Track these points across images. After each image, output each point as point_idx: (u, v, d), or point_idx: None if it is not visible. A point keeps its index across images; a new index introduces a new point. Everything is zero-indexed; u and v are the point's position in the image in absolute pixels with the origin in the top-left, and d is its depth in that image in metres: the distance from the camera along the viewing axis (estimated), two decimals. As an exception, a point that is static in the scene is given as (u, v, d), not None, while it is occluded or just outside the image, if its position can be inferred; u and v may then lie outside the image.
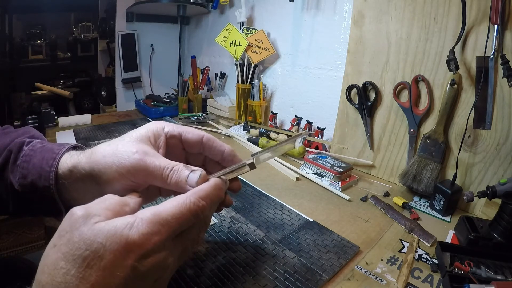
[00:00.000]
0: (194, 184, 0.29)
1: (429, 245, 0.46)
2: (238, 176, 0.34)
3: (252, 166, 0.31)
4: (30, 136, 0.39)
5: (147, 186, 0.33)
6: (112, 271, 0.22)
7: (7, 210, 0.36)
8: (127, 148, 0.31)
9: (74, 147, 0.37)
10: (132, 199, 0.28)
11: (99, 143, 0.33)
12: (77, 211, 0.24)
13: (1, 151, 0.36)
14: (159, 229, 0.24)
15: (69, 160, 0.33)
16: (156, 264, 0.24)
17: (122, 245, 0.22)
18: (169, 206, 0.25)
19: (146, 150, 0.31)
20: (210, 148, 0.36)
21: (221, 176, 0.31)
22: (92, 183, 0.32)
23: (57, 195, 0.33)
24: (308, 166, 0.69)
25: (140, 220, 0.23)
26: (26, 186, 0.34)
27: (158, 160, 0.30)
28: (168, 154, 0.34)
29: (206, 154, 0.37)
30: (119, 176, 0.30)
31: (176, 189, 0.30)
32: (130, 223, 0.23)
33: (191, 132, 0.36)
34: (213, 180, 0.30)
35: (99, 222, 0.23)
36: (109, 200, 0.26)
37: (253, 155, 0.32)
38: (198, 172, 0.30)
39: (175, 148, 0.36)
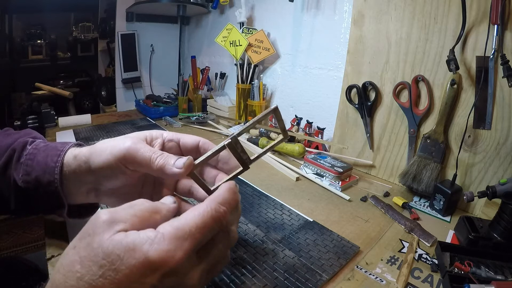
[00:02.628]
0: (182, 165, 0.29)
1: (429, 245, 0.46)
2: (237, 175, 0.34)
3: (230, 145, 0.30)
4: (32, 136, 0.40)
5: (132, 177, 0.34)
6: (128, 286, 0.21)
7: (8, 208, 0.37)
8: (123, 138, 0.33)
9: (78, 145, 0.38)
10: (165, 206, 0.27)
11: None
12: (102, 215, 0.23)
13: (3, 150, 0.37)
14: (182, 244, 0.22)
15: (72, 153, 0.35)
16: (178, 283, 0.23)
17: (141, 262, 0.21)
18: (191, 216, 0.24)
19: (138, 141, 0.32)
20: (206, 151, 0.36)
21: (228, 179, 0.31)
22: (88, 171, 0.33)
23: (61, 189, 0.34)
24: (308, 166, 0.69)
25: (162, 235, 0.22)
26: (29, 182, 0.35)
27: (149, 147, 0.31)
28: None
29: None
30: (112, 158, 0.31)
31: (161, 174, 0.30)
32: (150, 238, 0.22)
33: (188, 136, 0.36)
34: (226, 185, 0.29)
35: (121, 231, 0.22)
36: (139, 205, 0.25)
37: (230, 136, 0.31)
38: (185, 157, 0.30)
39: (172, 152, 0.36)
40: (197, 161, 0.31)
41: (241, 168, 0.32)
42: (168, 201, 0.28)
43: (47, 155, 0.35)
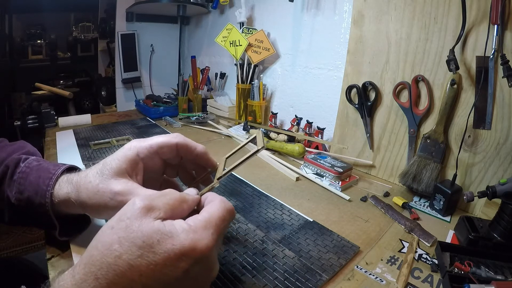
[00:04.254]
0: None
1: (429, 245, 0.46)
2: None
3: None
4: (25, 152, 0.41)
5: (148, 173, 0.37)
6: (163, 268, 0.23)
7: (3, 220, 0.39)
8: (108, 188, 0.32)
9: (69, 169, 0.39)
10: (190, 197, 0.30)
11: (88, 168, 0.36)
12: (140, 201, 0.26)
13: None
14: (211, 234, 0.26)
15: (62, 190, 0.35)
16: (206, 267, 0.26)
17: (178, 248, 0.24)
18: (214, 210, 0.28)
19: (125, 189, 0.32)
20: (186, 152, 0.37)
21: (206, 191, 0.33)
22: (76, 206, 0.35)
23: (52, 212, 0.35)
24: (308, 166, 0.69)
25: (195, 227, 0.25)
26: (22, 201, 0.36)
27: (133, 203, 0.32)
28: (147, 169, 0.36)
29: (183, 155, 0.38)
30: (106, 215, 0.34)
31: None
32: (186, 229, 0.25)
33: (166, 145, 0.36)
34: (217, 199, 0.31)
35: (158, 218, 0.25)
36: (170, 195, 0.28)
37: (218, 178, 0.34)
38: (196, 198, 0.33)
39: (154, 162, 0.37)
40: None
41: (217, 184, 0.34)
42: (192, 193, 0.32)
43: (39, 176, 0.36)
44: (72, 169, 0.39)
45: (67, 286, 0.23)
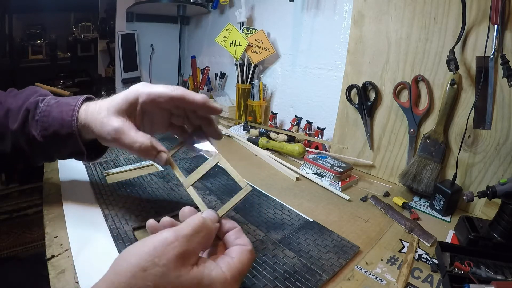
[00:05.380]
0: (162, 164, 0.37)
1: (429, 245, 0.46)
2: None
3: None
4: (39, 94, 0.44)
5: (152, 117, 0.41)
6: None
7: (29, 161, 0.45)
8: (108, 122, 0.37)
9: (87, 98, 0.42)
10: (214, 228, 0.30)
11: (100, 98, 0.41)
12: (177, 247, 0.25)
13: (17, 111, 0.41)
14: (239, 282, 0.28)
15: (81, 115, 0.40)
16: None
17: None
18: (245, 261, 0.28)
19: (121, 127, 0.36)
20: (185, 104, 0.38)
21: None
22: (92, 134, 0.40)
23: (79, 139, 0.40)
24: (308, 166, 0.69)
25: (231, 279, 0.26)
26: (47, 137, 0.40)
27: (129, 138, 0.36)
28: (151, 116, 0.41)
29: (183, 106, 0.39)
30: (106, 142, 0.39)
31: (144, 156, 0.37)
32: (222, 282, 0.26)
33: (162, 95, 0.38)
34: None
35: (194, 267, 0.25)
36: (202, 233, 0.28)
37: (221, 216, 0.33)
38: (164, 157, 0.37)
39: (157, 111, 0.40)
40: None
41: None
42: (213, 217, 0.31)
43: (61, 111, 0.40)
44: (88, 98, 0.43)
45: None
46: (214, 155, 0.37)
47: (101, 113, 0.38)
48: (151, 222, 0.31)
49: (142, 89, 0.38)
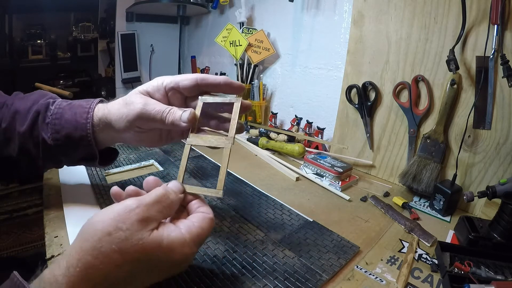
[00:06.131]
0: (186, 120, 0.36)
1: (429, 245, 0.46)
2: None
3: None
4: (49, 97, 0.43)
5: (150, 132, 0.41)
6: (168, 272, 0.30)
7: (35, 166, 0.43)
8: (133, 99, 0.38)
9: (100, 101, 0.42)
10: (176, 199, 0.32)
11: (115, 99, 0.41)
12: (137, 213, 0.27)
13: (25, 113, 0.41)
14: (198, 246, 0.30)
15: (97, 113, 0.40)
16: (189, 262, 0.32)
17: (177, 259, 0.28)
18: (206, 227, 0.31)
19: (147, 100, 0.37)
20: (207, 86, 0.39)
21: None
22: (110, 130, 0.40)
23: (94, 142, 0.40)
24: (308, 166, 0.69)
25: (190, 242, 0.29)
26: (59, 140, 0.40)
27: (158, 106, 0.37)
28: (170, 103, 0.40)
29: (207, 90, 0.40)
30: (129, 124, 0.38)
31: (173, 127, 0.37)
32: (182, 243, 0.28)
33: (186, 79, 0.39)
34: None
35: (154, 230, 0.27)
36: (162, 203, 0.30)
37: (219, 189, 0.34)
38: (188, 110, 0.36)
39: (176, 97, 0.40)
40: (197, 112, 0.37)
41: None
42: (177, 188, 0.33)
43: (74, 113, 0.40)
44: (102, 101, 0.43)
45: (60, 282, 0.23)
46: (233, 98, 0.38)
47: (125, 99, 0.39)
48: (114, 188, 0.32)
49: (166, 77, 0.40)
